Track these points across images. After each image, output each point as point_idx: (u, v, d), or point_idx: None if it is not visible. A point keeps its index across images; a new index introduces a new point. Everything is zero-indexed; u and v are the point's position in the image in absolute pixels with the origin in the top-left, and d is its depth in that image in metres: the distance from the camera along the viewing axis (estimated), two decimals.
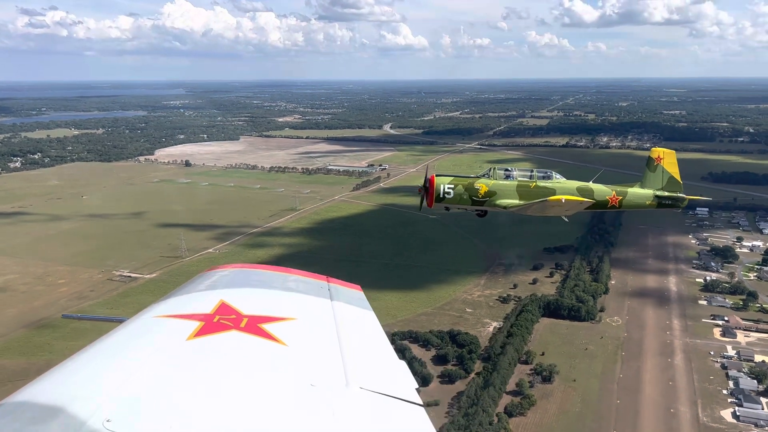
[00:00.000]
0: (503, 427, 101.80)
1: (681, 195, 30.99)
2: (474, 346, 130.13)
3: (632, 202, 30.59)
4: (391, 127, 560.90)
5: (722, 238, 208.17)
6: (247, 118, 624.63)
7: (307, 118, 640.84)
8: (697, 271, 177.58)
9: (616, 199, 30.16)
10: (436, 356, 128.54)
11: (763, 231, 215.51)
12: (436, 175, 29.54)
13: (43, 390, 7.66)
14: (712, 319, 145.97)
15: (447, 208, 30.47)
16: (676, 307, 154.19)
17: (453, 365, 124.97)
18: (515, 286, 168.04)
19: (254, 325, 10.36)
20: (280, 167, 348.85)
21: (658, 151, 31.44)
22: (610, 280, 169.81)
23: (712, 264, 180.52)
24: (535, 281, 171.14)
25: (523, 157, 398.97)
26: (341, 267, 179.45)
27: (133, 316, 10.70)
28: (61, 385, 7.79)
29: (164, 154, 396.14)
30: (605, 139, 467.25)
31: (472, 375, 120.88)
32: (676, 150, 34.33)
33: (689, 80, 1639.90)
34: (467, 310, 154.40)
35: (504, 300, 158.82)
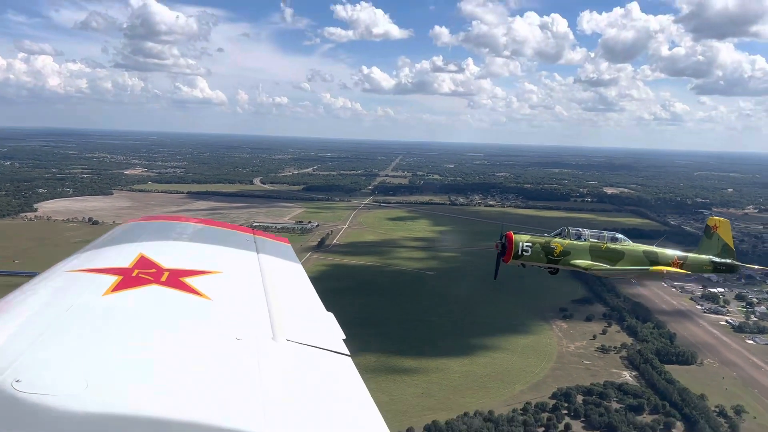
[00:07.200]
0: None
1: (735, 262, 33.91)
2: (649, 394, 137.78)
3: (692, 266, 32.98)
4: (261, 182, 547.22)
5: None
6: (87, 170, 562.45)
7: (154, 171, 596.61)
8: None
9: (678, 263, 32.44)
10: (626, 407, 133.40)
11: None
12: (514, 233, 31.49)
13: None
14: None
15: (523, 265, 32.08)
16: (720, 330, 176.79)
17: (648, 414, 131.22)
18: (594, 337, 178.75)
19: (176, 279, 10.01)
20: None
21: (714, 220, 33.95)
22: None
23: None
24: (605, 331, 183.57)
25: (421, 214, 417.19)
26: (416, 327, 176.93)
27: (45, 271, 10.21)
28: None
29: (49, 210, 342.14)
30: (476, 198, 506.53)
31: (678, 422, 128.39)
32: (549, 209, 43.51)
33: (469, 145, 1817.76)
34: (584, 362, 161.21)
35: (604, 350, 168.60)
